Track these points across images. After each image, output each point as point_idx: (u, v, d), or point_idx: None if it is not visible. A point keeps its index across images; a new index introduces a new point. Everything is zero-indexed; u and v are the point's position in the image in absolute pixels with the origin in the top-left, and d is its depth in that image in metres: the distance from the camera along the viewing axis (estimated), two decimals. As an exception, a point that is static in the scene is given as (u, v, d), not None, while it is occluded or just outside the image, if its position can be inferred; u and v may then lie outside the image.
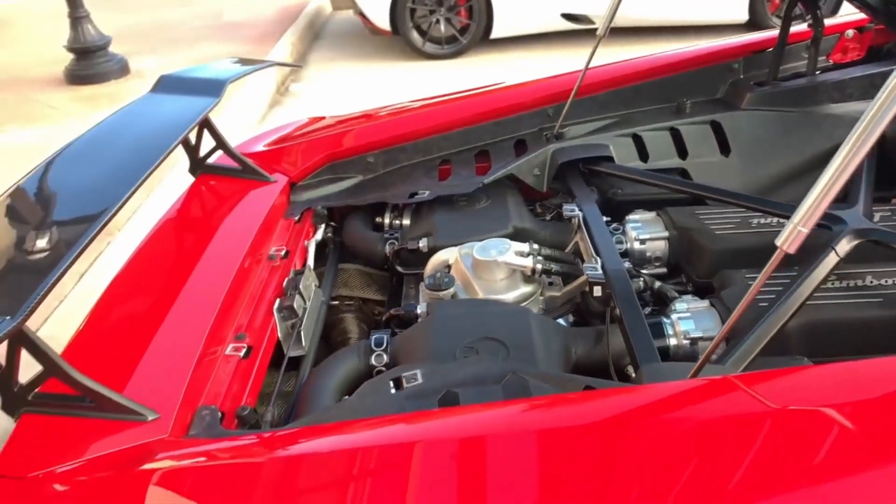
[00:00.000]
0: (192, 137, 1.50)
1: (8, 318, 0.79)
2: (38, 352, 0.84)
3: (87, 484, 0.81)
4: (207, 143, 1.53)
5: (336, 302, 1.49)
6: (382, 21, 5.68)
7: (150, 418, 0.89)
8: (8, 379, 0.87)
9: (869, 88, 1.54)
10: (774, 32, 1.63)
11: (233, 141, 1.58)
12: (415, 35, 5.69)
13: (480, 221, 1.41)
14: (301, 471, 0.79)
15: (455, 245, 1.35)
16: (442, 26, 5.68)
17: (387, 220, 1.55)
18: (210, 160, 1.56)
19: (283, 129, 1.78)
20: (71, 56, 5.24)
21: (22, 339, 0.83)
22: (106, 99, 4.93)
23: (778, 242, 0.73)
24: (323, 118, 1.83)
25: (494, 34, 5.69)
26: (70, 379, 0.86)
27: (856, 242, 1.02)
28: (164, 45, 6.11)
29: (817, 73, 1.63)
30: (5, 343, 0.82)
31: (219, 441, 0.88)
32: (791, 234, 0.71)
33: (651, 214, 1.39)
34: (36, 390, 0.89)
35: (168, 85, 1.50)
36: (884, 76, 1.22)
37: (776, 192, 1.54)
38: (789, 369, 0.88)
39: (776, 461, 0.65)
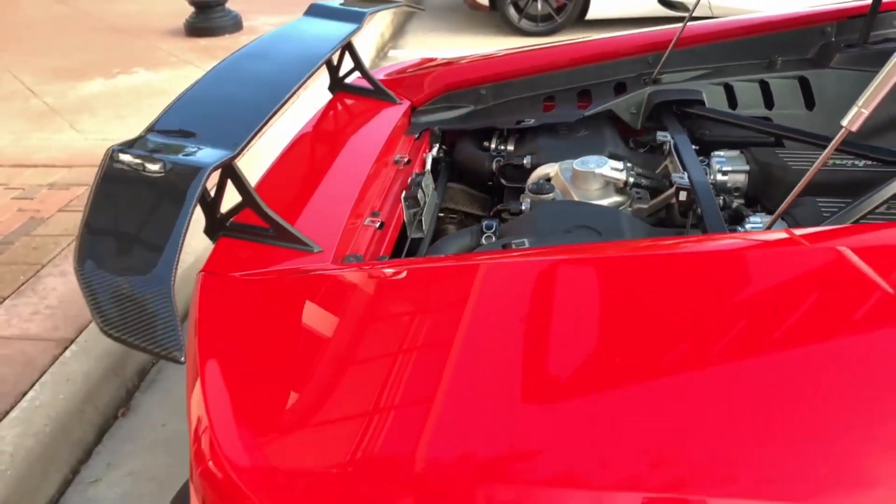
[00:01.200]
0: (335, 59, 1.74)
1: (227, 152, 1.04)
2: (241, 185, 1.09)
3: (275, 283, 1.05)
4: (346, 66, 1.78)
5: (442, 214, 1.71)
6: (482, -3, 5.89)
7: (316, 250, 1.13)
8: (214, 205, 1.12)
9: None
10: (868, 0, 1.75)
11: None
12: (512, 11, 5.86)
13: (579, 146, 1.61)
14: (424, 282, 1.01)
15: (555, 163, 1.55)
16: (539, 4, 5.83)
17: (493, 144, 1.77)
18: (347, 81, 1.81)
19: (400, 65, 2.01)
20: (191, 10, 5.66)
21: (231, 172, 1.08)
22: (221, 50, 5.30)
23: (843, 122, 0.90)
24: (434, 59, 2.05)
25: (590, 15, 5.80)
26: (261, 211, 1.11)
27: None
28: (274, 6, 6.47)
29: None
30: (217, 173, 1.07)
31: (364, 265, 1.11)
32: (854, 115, 0.88)
33: (735, 152, 1.55)
34: (232, 219, 1.14)
35: (318, 11, 1.74)
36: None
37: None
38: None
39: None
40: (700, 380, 0.75)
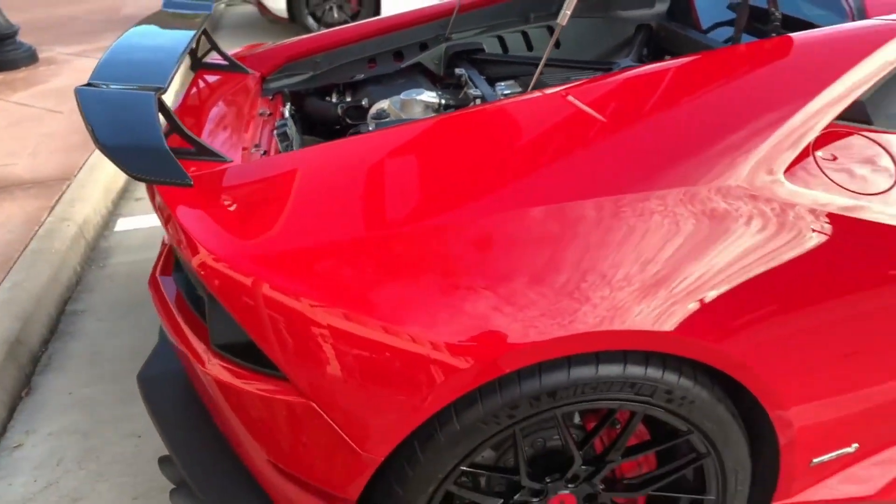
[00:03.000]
0: (193, 43, 2.12)
1: (159, 86, 1.43)
2: (168, 114, 1.48)
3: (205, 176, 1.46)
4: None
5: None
6: (280, 9, 6.28)
7: (228, 160, 1.54)
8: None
9: (640, 3, 2.38)
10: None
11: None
12: (311, 21, 6.33)
13: (400, 89, 2.13)
14: (314, 158, 1.46)
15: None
16: (335, 12, 6.35)
17: (334, 98, 2.24)
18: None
19: (249, 46, 2.43)
20: (-19, 45, 5.54)
21: (161, 104, 1.46)
22: (22, 83, 5.27)
23: (559, 21, 1.47)
24: (260, 44, 2.48)
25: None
26: (185, 134, 1.50)
27: None
28: (69, 37, 6.43)
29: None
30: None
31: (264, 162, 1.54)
32: (561, 16, 1.45)
33: (511, 81, 2.15)
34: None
35: (170, 3, 2.13)
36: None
37: None
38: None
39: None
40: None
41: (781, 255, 1.22)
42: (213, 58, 2.21)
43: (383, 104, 2.04)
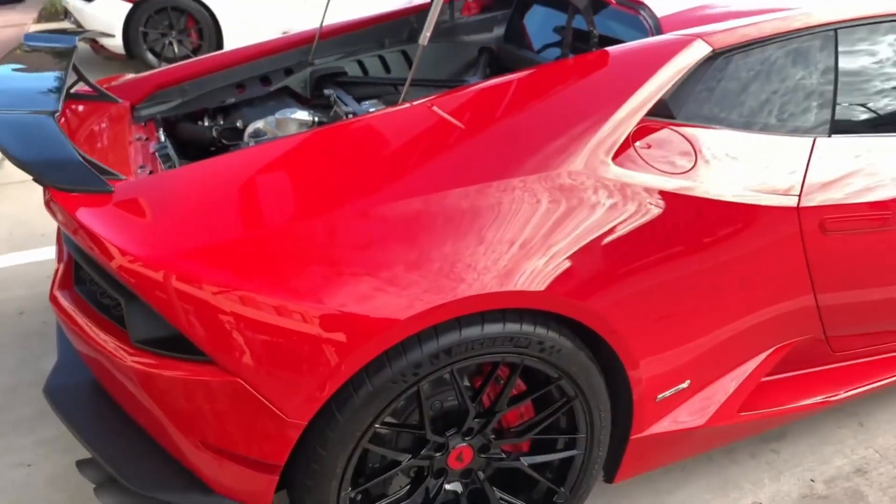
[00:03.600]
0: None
1: (54, 109, 1.50)
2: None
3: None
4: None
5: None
6: (116, 45, 6.14)
7: (122, 177, 1.63)
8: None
9: (481, 28, 2.70)
10: None
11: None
12: (150, 57, 6.23)
13: (272, 110, 2.28)
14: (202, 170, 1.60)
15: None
16: (175, 48, 6.30)
17: (206, 122, 2.35)
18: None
19: (117, 77, 2.48)
20: None
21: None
22: None
23: (420, 41, 1.71)
24: (119, 76, 2.55)
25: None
26: (80, 154, 1.58)
27: None
28: None
29: (456, 19, 2.76)
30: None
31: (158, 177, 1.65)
32: (422, 37, 1.69)
33: (374, 100, 2.37)
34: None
35: (31, 38, 2.17)
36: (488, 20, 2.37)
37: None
38: None
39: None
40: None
41: (623, 226, 1.52)
42: (80, 88, 2.25)
43: (258, 124, 2.18)
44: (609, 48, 1.79)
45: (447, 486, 1.62)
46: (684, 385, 1.74)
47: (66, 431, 2.12)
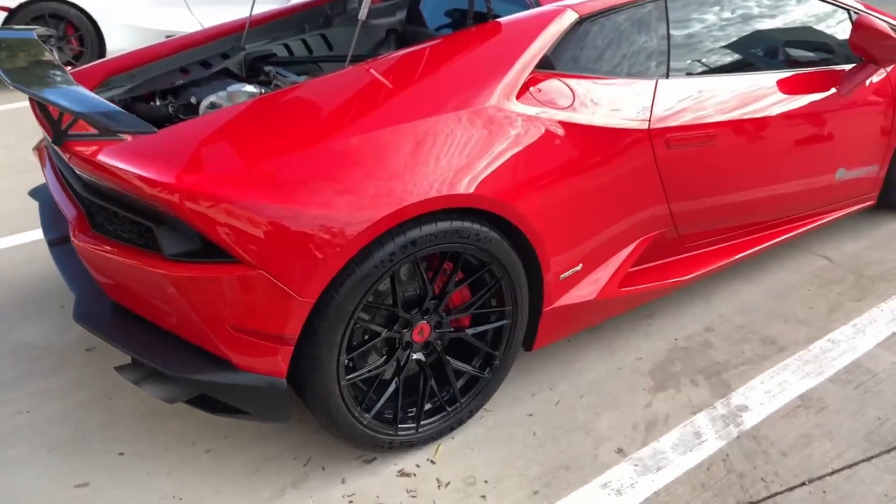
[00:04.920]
0: None
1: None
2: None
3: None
4: None
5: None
6: (-6, 53, 6.09)
7: (153, 130, 1.98)
8: (58, 120, 1.90)
9: (387, 13, 3.18)
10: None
11: None
12: (31, 63, 6.21)
13: (218, 87, 2.66)
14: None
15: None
16: (56, 54, 6.30)
17: (158, 101, 2.69)
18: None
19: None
20: None
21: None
22: None
23: (360, 17, 2.18)
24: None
25: (109, 56, 6.53)
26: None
27: None
28: None
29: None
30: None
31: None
32: (363, 10, 2.16)
33: (303, 76, 2.80)
34: (71, 129, 1.92)
35: (-1, 32, 2.43)
36: (391, 6, 2.85)
37: None
38: None
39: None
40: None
41: (527, 145, 2.06)
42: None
43: (211, 98, 2.56)
44: (501, 19, 2.33)
45: (413, 356, 2.11)
46: (578, 267, 2.32)
47: (55, 383, 2.42)
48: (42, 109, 1.96)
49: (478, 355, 2.24)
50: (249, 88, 2.54)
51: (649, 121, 2.37)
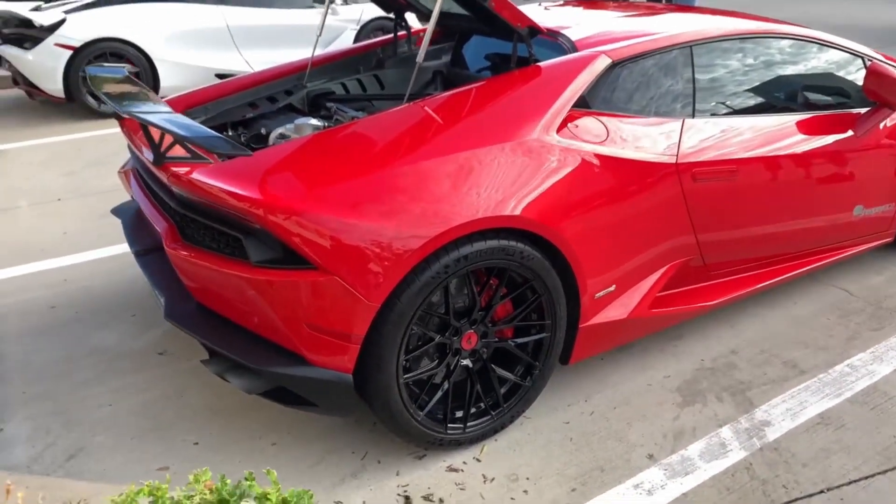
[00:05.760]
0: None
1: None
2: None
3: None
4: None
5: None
6: (57, 89, 6.53)
7: (248, 153, 2.25)
8: (158, 143, 2.17)
9: (433, 56, 3.47)
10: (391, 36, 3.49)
11: None
12: (90, 100, 6.63)
13: (285, 121, 2.94)
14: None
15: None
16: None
17: (230, 133, 2.98)
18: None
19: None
20: None
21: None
22: None
23: (417, 60, 2.45)
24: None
25: (162, 91, 6.95)
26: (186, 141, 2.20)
27: None
28: None
29: (414, 50, 3.53)
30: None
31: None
32: (420, 54, 2.43)
33: (361, 112, 3.08)
34: (168, 152, 2.20)
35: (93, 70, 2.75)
36: (437, 50, 3.15)
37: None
38: None
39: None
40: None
41: (570, 177, 2.30)
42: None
43: (280, 129, 2.84)
44: (541, 63, 2.60)
45: (462, 362, 2.32)
46: (612, 288, 2.53)
47: (132, 381, 2.66)
48: (146, 133, 2.25)
49: (519, 364, 2.45)
50: (314, 122, 2.82)
51: (677, 156, 2.60)
